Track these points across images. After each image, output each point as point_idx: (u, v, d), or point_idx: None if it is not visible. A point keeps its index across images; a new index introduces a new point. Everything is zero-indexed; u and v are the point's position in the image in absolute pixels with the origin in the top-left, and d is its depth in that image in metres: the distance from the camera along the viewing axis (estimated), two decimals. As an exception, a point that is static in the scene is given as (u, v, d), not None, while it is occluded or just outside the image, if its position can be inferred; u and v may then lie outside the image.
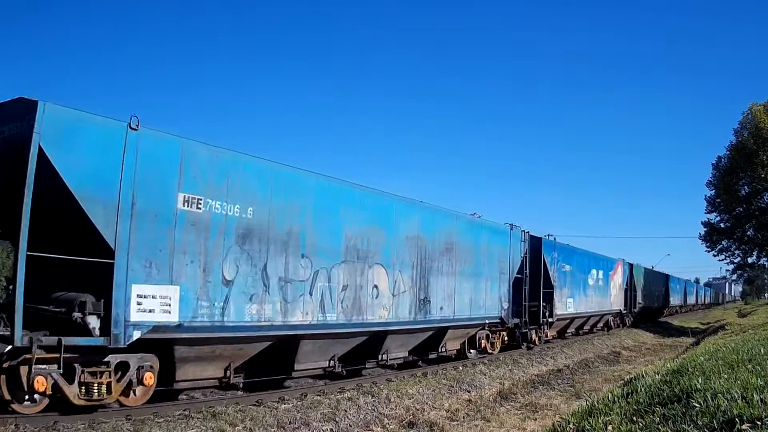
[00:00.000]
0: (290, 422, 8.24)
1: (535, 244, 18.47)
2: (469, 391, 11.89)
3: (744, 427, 4.85)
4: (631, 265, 31.69)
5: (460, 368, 13.70)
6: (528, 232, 17.74)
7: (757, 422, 4.84)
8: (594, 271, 24.46)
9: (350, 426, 8.77)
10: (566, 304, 20.64)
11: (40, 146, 6.32)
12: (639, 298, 33.06)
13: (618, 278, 28.42)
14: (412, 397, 10.53)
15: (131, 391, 7.63)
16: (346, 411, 9.12)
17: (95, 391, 7.11)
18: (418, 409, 9.96)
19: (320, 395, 9.69)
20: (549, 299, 18.81)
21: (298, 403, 9.07)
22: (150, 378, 7.67)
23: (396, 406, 9.89)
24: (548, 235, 19.77)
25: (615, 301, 27.77)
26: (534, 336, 18.41)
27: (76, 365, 6.93)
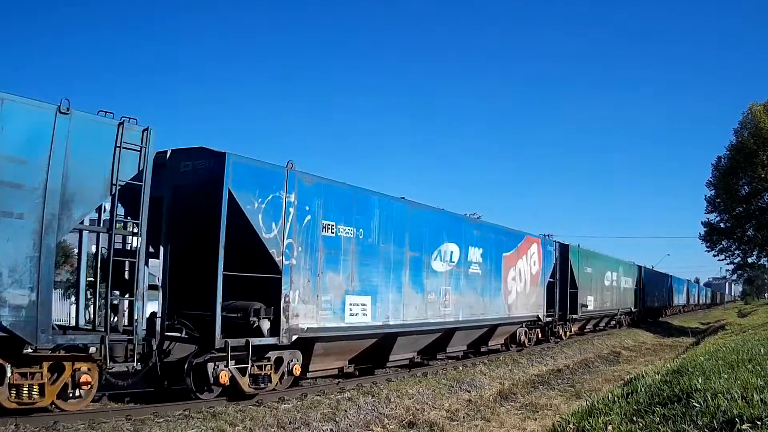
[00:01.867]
0: (290, 422, 8.24)
1: (205, 164, 8.89)
2: (469, 391, 11.88)
3: (744, 427, 4.85)
4: (564, 248, 21.45)
5: (460, 368, 13.70)
6: (126, 123, 7.75)
7: (757, 422, 4.85)
8: (453, 248, 13.51)
9: (350, 426, 8.77)
10: (345, 307, 10.32)
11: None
12: (586, 299, 22.82)
13: (530, 266, 17.96)
14: (412, 397, 10.53)
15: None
16: (346, 411, 9.11)
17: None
18: (418, 409, 9.95)
19: (320, 395, 9.69)
20: (272, 296, 9.10)
21: (298, 403, 9.07)
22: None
23: (396, 406, 9.88)
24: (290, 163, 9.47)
25: (522, 302, 17.25)
26: (222, 376, 8.48)
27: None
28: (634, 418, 6.10)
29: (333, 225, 10.20)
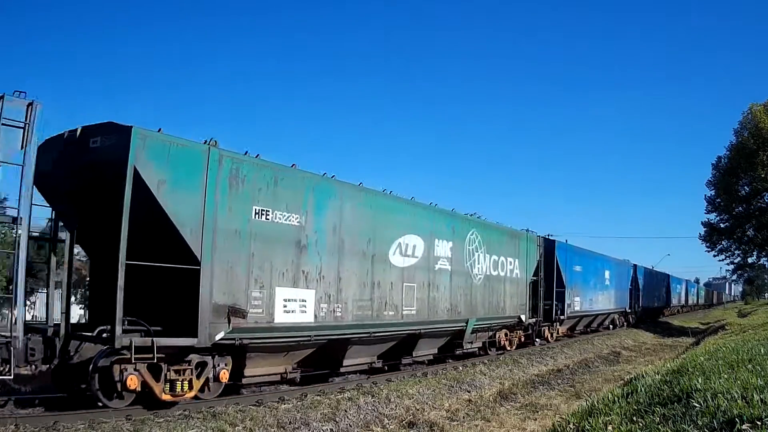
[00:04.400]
0: (290, 422, 8.24)
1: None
2: (469, 391, 11.88)
3: (744, 427, 4.84)
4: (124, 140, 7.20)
5: (460, 368, 13.70)
6: None
7: (757, 422, 4.84)
8: None
9: (350, 426, 8.76)
10: None
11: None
12: (246, 300, 8.36)
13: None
14: (412, 397, 10.53)
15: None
16: (346, 411, 9.11)
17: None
18: (418, 409, 9.95)
19: (320, 395, 9.69)
20: None
21: (298, 403, 9.07)
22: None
23: (396, 406, 9.88)
24: None
25: None
26: None
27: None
28: (634, 418, 6.08)
29: None
